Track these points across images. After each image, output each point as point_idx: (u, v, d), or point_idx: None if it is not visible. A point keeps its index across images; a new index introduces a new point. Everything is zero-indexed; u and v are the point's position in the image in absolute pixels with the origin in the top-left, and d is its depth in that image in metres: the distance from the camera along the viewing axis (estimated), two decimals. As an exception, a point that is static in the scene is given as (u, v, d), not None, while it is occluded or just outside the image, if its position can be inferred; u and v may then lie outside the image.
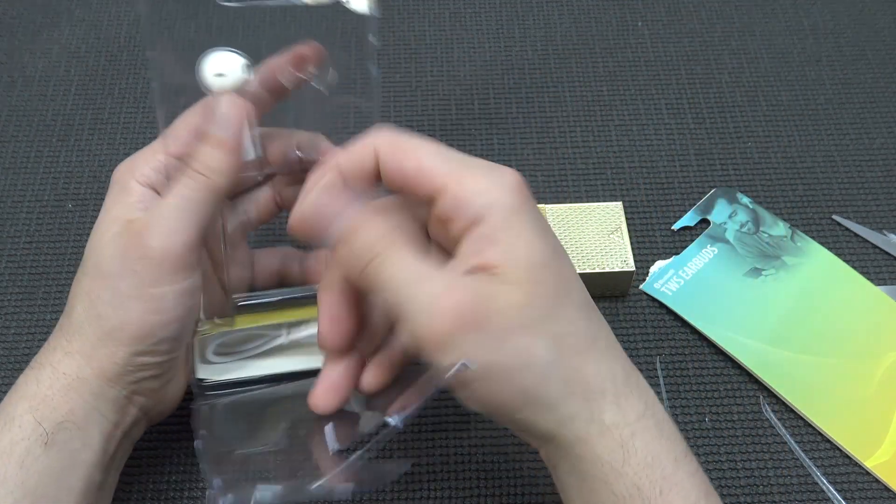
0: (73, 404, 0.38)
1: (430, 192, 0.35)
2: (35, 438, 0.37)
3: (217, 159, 0.39)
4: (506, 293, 0.33)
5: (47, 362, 0.39)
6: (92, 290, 0.39)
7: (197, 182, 0.39)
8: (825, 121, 0.61)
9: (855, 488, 0.46)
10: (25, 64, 0.64)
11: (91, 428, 0.39)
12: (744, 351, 0.50)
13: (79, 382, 0.39)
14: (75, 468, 0.38)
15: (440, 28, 0.66)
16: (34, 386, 0.39)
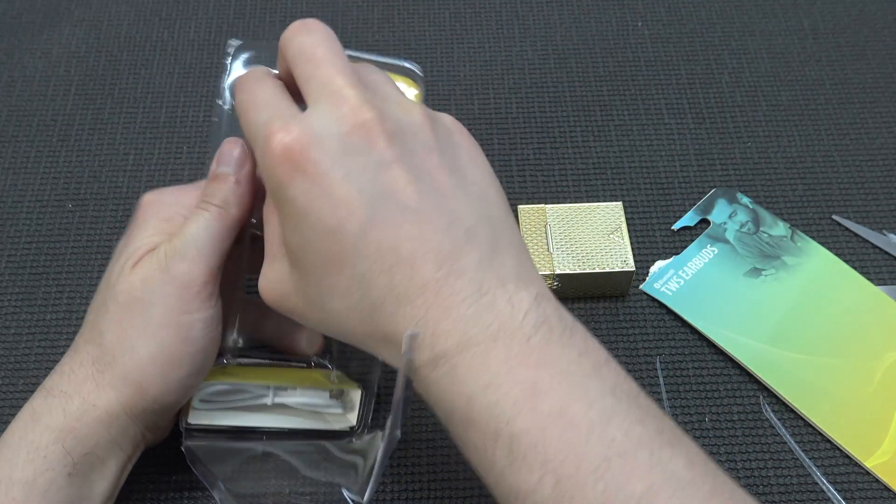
0: (99, 438, 0.39)
1: None
2: (60, 469, 0.37)
3: (227, 192, 0.40)
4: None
5: (76, 393, 0.39)
6: (123, 318, 0.39)
7: (212, 213, 0.40)
8: (825, 121, 0.61)
9: (855, 488, 0.46)
10: (25, 64, 0.64)
11: (109, 461, 0.40)
12: (744, 351, 0.50)
13: (107, 417, 0.39)
14: (92, 499, 0.39)
15: (440, 28, 0.66)
16: (61, 417, 0.38)
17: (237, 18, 0.67)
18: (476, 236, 0.34)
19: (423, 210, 0.33)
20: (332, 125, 0.34)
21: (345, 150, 0.34)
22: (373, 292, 0.34)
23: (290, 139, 0.34)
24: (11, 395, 0.49)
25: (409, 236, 0.33)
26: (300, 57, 0.37)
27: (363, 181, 0.33)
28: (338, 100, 0.35)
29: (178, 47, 0.65)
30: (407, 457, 0.47)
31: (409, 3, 0.68)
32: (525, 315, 0.33)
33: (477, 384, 0.32)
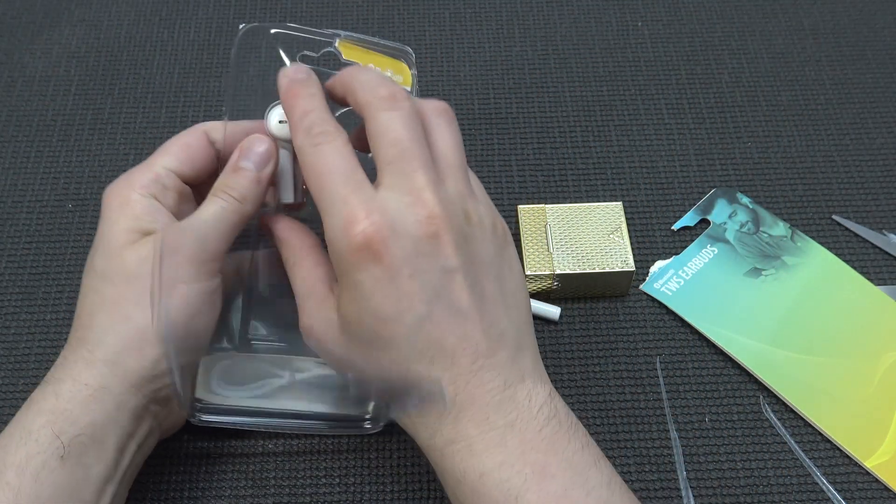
0: (93, 416, 0.39)
1: None
2: (52, 452, 0.38)
3: (247, 188, 0.42)
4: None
5: (67, 376, 0.39)
6: (116, 295, 0.40)
7: (229, 204, 0.42)
8: (825, 121, 0.61)
9: (855, 488, 0.46)
10: (25, 64, 0.64)
11: (107, 440, 0.39)
12: (744, 351, 0.50)
13: (101, 392, 0.39)
14: (89, 482, 0.39)
15: (440, 28, 0.66)
16: (53, 400, 0.39)
17: (237, 18, 0.67)
18: (506, 338, 0.38)
19: (470, 313, 0.37)
20: (410, 225, 0.37)
21: (417, 250, 0.37)
22: (410, 374, 0.38)
23: (373, 230, 0.36)
24: (11, 395, 0.49)
25: (454, 334, 0.37)
26: (384, 136, 0.38)
27: (426, 281, 0.37)
28: (417, 201, 0.37)
29: (178, 47, 0.65)
30: (407, 457, 0.47)
31: (409, 3, 0.68)
32: (540, 408, 0.37)
33: (492, 462, 0.36)
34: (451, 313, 0.37)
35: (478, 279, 0.38)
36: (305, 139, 0.39)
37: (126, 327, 0.40)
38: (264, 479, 0.46)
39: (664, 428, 0.48)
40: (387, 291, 0.36)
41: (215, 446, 0.47)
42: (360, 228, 0.36)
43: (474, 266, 0.38)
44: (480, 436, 0.37)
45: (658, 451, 0.48)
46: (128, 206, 0.42)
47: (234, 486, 0.46)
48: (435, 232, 0.37)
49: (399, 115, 0.38)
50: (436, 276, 0.37)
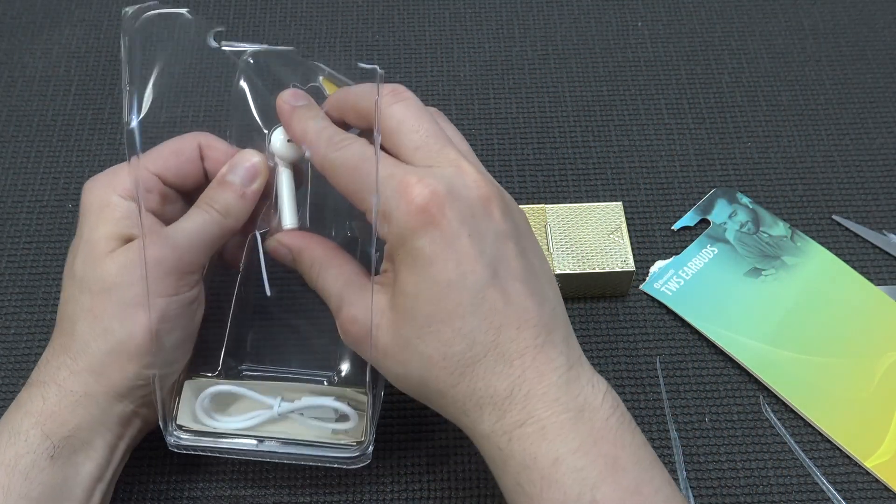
0: (80, 420, 0.39)
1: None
2: (41, 451, 0.38)
3: (230, 202, 0.42)
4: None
5: (52, 381, 0.39)
6: (95, 305, 0.40)
7: (210, 216, 0.41)
8: (825, 121, 0.61)
9: (855, 488, 0.46)
10: (25, 64, 0.64)
11: (96, 441, 0.40)
12: (744, 351, 0.50)
13: (87, 399, 0.39)
14: (78, 481, 0.39)
15: (440, 28, 0.66)
16: (40, 403, 0.39)
17: (237, 18, 0.67)
18: (558, 315, 0.38)
19: (526, 283, 0.37)
20: (462, 189, 0.36)
21: (473, 213, 0.36)
22: (476, 347, 0.36)
23: (430, 192, 0.36)
24: (11, 395, 0.49)
25: (516, 304, 0.36)
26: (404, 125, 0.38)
27: (485, 245, 0.36)
28: (460, 169, 0.37)
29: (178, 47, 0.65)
30: (407, 457, 0.47)
31: (409, 3, 0.68)
32: (604, 396, 0.37)
33: (567, 447, 0.35)
34: (511, 280, 0.36)
35: (524, 249, 0.38)
36: (328, 148, 0.39)
37: (106, 340, 0.39)
38: (264, 479, 0.46)
39: (664, 428, 0.48)
40: (448, 254, 0.35)
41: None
42: (417, 192, 0.35)
43: (520, 235, 0.38)
44: (553, 417, 0.35)
45: (658, 451, 0.47)
46: (108, 208, 0.41)
47: (234, 486, 0.46)
48: (486, 195, 0.37)
49: (409, 104, 0.39)
50: (492, 240, 0.36)
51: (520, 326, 0.36)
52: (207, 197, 0.42)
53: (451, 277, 0.36)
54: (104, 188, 0.42)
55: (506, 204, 0.38)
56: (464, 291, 0.36)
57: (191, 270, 0.41)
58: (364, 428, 0.43)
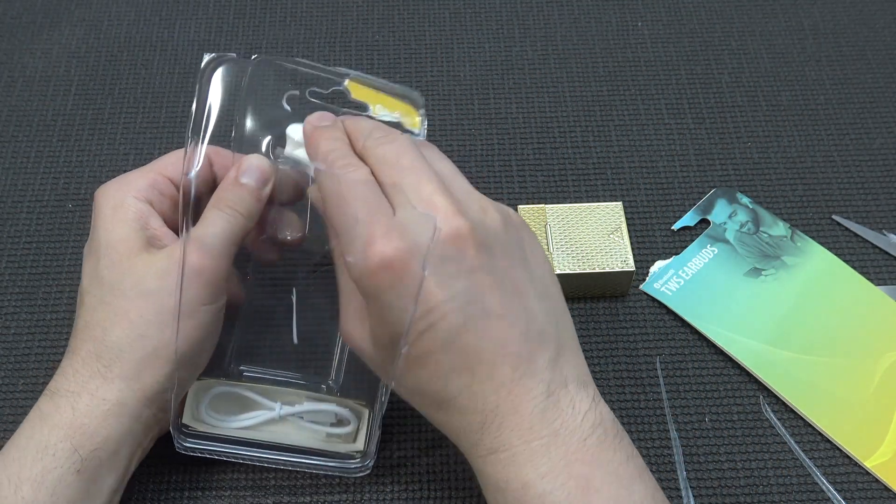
0: (109, 430, 0.39)
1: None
2: (69, 467, 0.38)
3: (251, 203, 0.42)
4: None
5: (83, 390, 0.40)
6: (132, 310, 0.40)
7: (235, 218, 0.42)
8: (825, 121, 0.61)
9: (855, 488, 0.46)
10: (25, 64, 0.64)
11: (121, 452, 0.40)
12: (744, 351, 0.50)
13: (118, 408, 0.39)
14: (100, 494, 0.39)
15: (440, 28, 0.66)
16: (69, 414, 0.39)
17: (237, 18, 0.67)
18: (547, 337, 0.37)
19: (505, 315, 0.37)
20: (428, 233, 0.36)
21: (441, 256, 0.36)
22: (451, 387, 0.37)
23: (392, 249, 0.35)
24: (11, 395, 0.49)
25: (492, 340, 0.36)
26: (384, 163, 0.38)
27: (455, 288, 0.36)
28: (430, 207, 0.37)
29: (178, 47, 0.65)
30: (407, 457, 0.47)
31: (409, 3, 0.68)
32: (584, 416, 0.37)
33: (535, 472, 0.35)
34: (486, 318, 0.36)
35: (507, 274, 0.37)
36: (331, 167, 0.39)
37: (143, 344, 0.40)
38: (264, 479, 0.46)
39: (664, 428, 0.48)
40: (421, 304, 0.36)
41: (215, 446, 0.47)
42: (380, 249, 0.36)
43: (500, 261, 0.37)
44: (524, 445, 0.36)
45: (658, 451, 0.48)
46: (122, 209, 0.42)
47: (234, 486, 0.46)
48: (456, 233, 0.36)
49: (395, 145, 0.39)
50: (464, 280, 0.36)
51: (495, 363, 0.36)
52: (226, 199, 0.42)
53: (421, 328, 0.36)
54: (117, 190, 0.42)
55: (483, 229, 0.37)
56: (436, 339, 0.36)
57: (224, 277, 0.41)
58: (365, 437, 0.43)
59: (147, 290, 0.40)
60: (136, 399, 0.40)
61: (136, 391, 0.40)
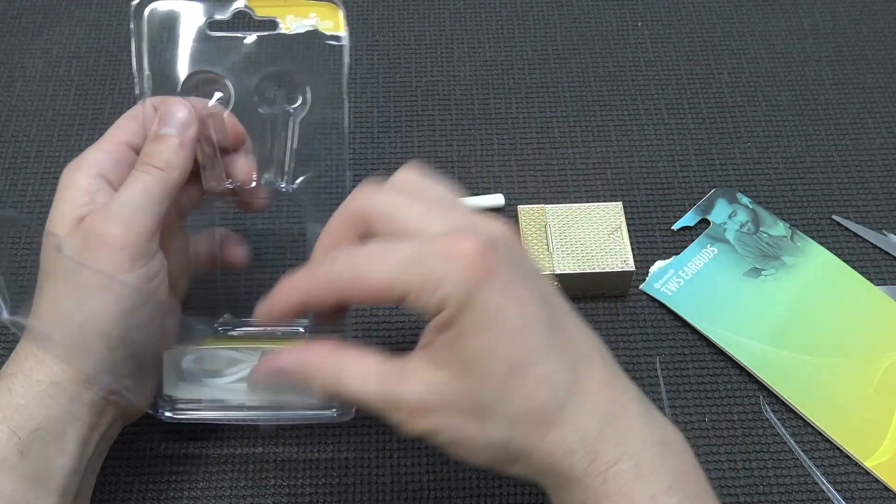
0: (48, 411, 0.38)
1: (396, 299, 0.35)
2: (10, 448, 0.37)
3: (170, 154, 0.41)
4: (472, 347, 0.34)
5: (19, 371, 0.39)
6: (52, 289, 0.39)
7: (152, 176, 0.40)
8: (825, 121, 0.61)
9: (855, 488, 0.46)
10: (25, 64, 0.64)
11: (68, 433, 0.39)
12: (744, 351, 0.50)
13: (53, 388, 0.38)
14: (52, 475, 0.38)
15: (440, 28, 0.66)
16: (6, 396, 0.38)
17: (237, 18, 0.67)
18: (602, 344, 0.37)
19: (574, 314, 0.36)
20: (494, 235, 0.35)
21: (513, 256, 0.35)
22: (559, 391, 0.34)
23: (479, 243, 0.33)
24: (11, 395, 0.49)
25: (578, 336, 0.35)
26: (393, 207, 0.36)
27: (533, 285, 0.35)
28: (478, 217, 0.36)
29: (178, 47, 0.65)
30: (407, 457, 0.47)
31: (409, 2, 0.68)
32: (675, 429, 0.36)
33: (661, 485, 0.33)
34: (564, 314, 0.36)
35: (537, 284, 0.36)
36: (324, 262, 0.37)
37: (67, 325, 0.39)
38: (264, 479, 0.46)
39: (664, 428, 0.48)
40: (512, 302, 0.34)
41: (216, 447, 0.47)
42: (468, 247, 0.33)
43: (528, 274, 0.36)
44: (644, 452, 0.34)
45: (658, 451, 0.48)
46: (70, 188, 0.41)
47: (234, 486, 0.46)
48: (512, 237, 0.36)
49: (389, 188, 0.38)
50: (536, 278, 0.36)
51: (590, 358, 0.35)
52: (144, 156, 0.41)
53: (520, 325, 0.34)
54: (72, 168, 0.41)
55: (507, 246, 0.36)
56: (533, 336, 0.34)
57: (145, 240, 0.39)
58: None
59: (63, 269, 0.39)
60: (71, 380, 0.39)
61: (70, 372, 0.39)
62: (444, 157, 0.59)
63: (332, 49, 0.44)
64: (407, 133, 0.60)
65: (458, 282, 0.33)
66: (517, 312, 0.34)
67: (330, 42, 0.43)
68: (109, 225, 0.39)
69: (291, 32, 0.41)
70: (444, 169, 0.58)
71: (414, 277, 0.34)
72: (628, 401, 0.35)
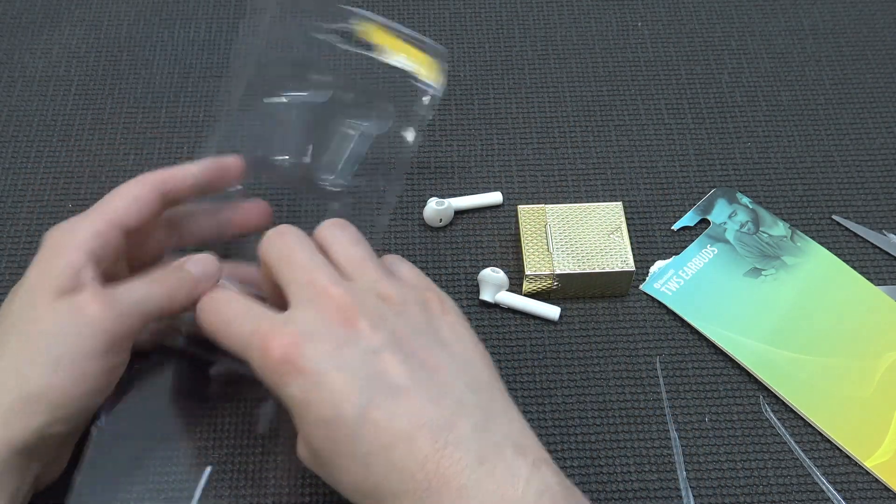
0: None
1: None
2: None
3: (180, 290, 0.42)
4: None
5: None
6: (22, 349, 0.39)
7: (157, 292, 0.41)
8: (825, 121, 0.61)
9: (855, 488, 0.46)
10: (25, 64, 0.64)
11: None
12: (744, 351, 0.50)
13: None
14: None
15: (440, 28, 0.66)
16: None
17: (237, 18, 0.67)
18: (467, 405, 0.36)
19: (413, 387, 0.36)
20: (320, 322, 0.37)
21: (335, 343, 0.37)
22: (376, 470, 0.35)
23: (286, 342, 0.37)
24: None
25: (403, 413, 0.35)
26: (280, 262, 0.40)
27: (355, 369, 0.36)
28: (322, 297, 0.38)
29: (178, 47, 0.65)
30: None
31: (408, 3, 0.68)
32: (526, 483, 0.34)
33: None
34: (392, 392, 0.36)
35: (412, 351, 0.37)
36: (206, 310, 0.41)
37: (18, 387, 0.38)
38: (264, 479, 0.46)
39: (664, 428, 0.48)
40: (319, 395, 0.36)
41: (216, 446, 0.47)
42: (275, 345, 0.37)
43: (403, 340, 0.37)
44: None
45: (658, 451, 0.48)
46: (59, 258, 0.40)
47: (233, 486, 0.46)
48: (348, 318, 0.37)
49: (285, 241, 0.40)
50: (362, 360, 0.36)
51: (411, 437, 0.35)
52: (159, 273, 0.42)
53: (328, 415, 0.36)
54: (61, 236, 0.41)
55: (380, 316, 0.38)
56: (345, 423, 0.35)
57: (125, 337, 0.40)
58: None
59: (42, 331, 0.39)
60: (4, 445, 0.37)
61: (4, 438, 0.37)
62: (444, 157, 0.59)
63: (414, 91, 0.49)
64: (407, 133, 0.60)
65: (266, 376, 0.37)
66: (328, 405, 0.36)
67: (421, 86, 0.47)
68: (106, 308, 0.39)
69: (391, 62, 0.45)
70: (444, 169, 0.58)
71: (248, 360, 0.38)
72: (457, 472, 0.35)
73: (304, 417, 0.37)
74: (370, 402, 0.35)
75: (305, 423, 0.37)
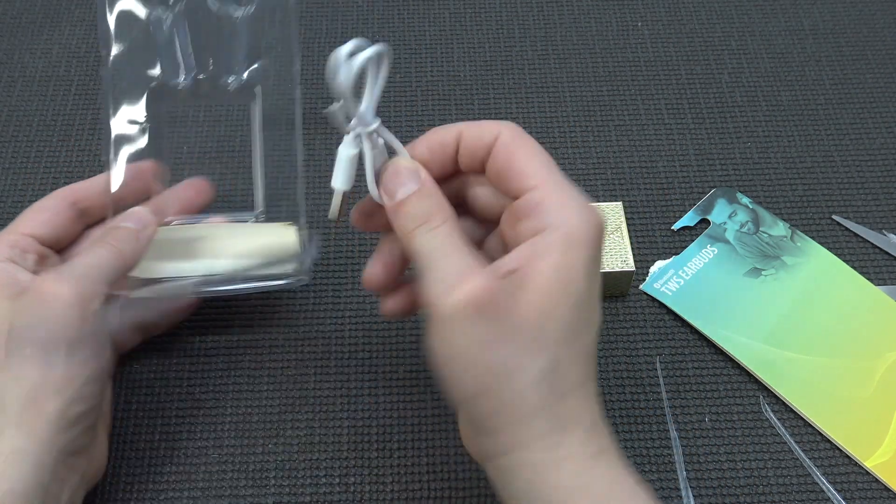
0: (12, 482, 0.37)
1: (525, 186, 0.37)
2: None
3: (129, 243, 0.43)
4: (524, 304, 0.35)
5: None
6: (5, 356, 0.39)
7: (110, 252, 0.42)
8: (825, 121, 0.61)
9: (855, 488, 0.46)
10: (25, 64, 0.64)
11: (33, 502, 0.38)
12: (744, 351, 0.50)
13: (14, 456, 0.38)
14: None
15: (440, 28, 0.66)
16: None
17: (237, 18, 0.67)
18: None
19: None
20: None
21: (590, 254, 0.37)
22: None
23: (600, 219, 0.37)
24: (11, 395, 0.49)
25: None
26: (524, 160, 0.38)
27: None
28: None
29: (178, 47, 0.65)
30: (407, 457, 0.47)
31: (409, 3, 0.68)
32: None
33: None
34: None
35: None
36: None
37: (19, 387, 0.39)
38: (264, 478, 0.46)
39: (664, 428, 0.48)
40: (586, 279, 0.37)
41: (216, 446, 0.47)
42: (593, 213, 0.37)
43: None
44: (595, 458, 0.37)
45: (658, 451, 0.48)
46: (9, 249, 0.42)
47: (233, 485, 0.46)
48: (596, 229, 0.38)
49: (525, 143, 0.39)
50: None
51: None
52: (106, 236, 0.43)
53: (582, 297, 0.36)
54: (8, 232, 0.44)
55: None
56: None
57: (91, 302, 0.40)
58: (301, 245, 0.46)
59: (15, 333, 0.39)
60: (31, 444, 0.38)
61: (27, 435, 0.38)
62: (444, 157, 0.59)
63: None
64: (407, 133, 0.60)
65: (580, 224, 0.35)
66: (580, 289, 0.35)
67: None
68: (62, 284, 0.40)
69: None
70: (444, 169, 0.58)
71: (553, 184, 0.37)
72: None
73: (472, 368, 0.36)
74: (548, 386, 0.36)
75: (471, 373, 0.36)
